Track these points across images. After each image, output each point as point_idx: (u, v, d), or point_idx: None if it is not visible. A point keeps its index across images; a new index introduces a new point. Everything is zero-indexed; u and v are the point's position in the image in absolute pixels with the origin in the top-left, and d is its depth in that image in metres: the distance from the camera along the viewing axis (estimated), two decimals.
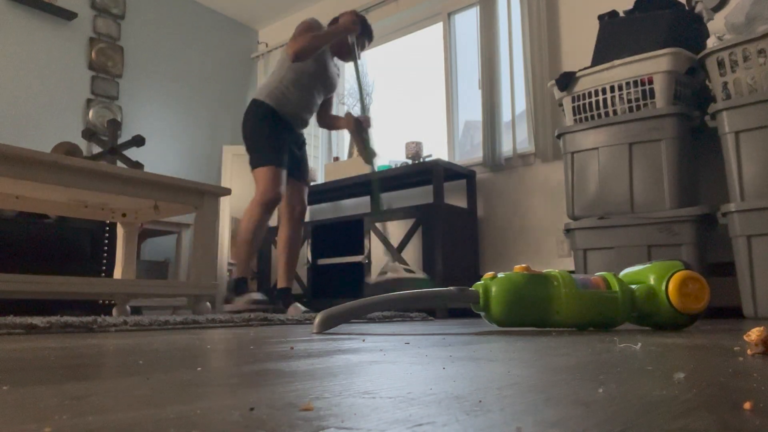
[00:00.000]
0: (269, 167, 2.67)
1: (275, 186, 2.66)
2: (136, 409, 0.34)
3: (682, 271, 1.27)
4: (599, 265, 2.41)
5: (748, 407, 0.33)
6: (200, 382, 0.47)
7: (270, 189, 2.64)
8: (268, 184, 2.64)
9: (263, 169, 2.67)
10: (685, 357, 0.66)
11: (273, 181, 2.65)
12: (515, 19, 3.54)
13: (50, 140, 3.84)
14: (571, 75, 2.56)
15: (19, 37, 3.77)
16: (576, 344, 0.87)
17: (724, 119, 2.16)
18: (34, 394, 0.40)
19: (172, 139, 4.52)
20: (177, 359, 0.67)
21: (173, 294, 2.42)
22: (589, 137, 2.49)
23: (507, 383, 0.45)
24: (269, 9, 4.96)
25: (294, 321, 1.97)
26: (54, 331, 1.35)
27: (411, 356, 0.70)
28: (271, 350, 0.81)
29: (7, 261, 2.77)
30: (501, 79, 3.51)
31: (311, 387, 0.44)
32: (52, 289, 2.04)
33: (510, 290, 1.27)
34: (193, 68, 4.75)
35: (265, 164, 2.67)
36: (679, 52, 2.30)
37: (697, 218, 2.21)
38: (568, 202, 2.56)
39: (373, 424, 0.30)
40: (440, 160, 3.24)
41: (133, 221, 2.77)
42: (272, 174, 2.66)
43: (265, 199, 2.64)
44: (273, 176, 2.66)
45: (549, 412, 0.33)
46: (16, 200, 2.39)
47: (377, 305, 1.28)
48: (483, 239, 3.52)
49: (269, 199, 2.64)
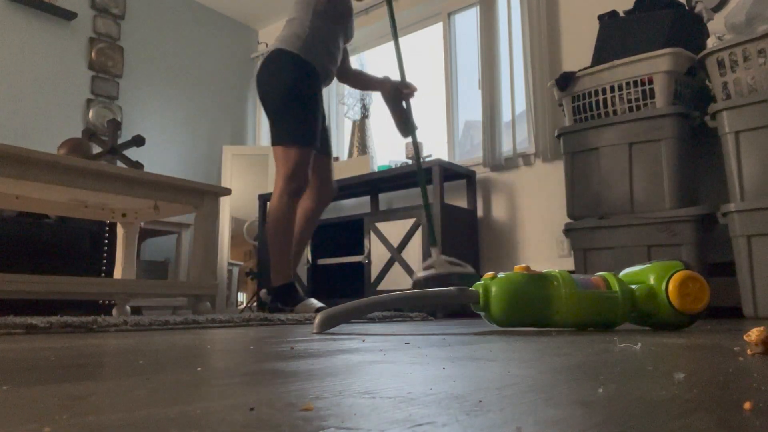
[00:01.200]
0: (300, 148, 2.26)
1: (304, 171, 2.28)
2: (136, 409, 0.34)
3: (682, 271, 1.27)
4: (599, 265, 2.41)
5: (748, 407, 0.33)
6: (200, 382, 0.47)
7: (298, 175, 2.27)
8: (296, 169, 2.26)
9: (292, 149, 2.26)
10: (685, 357, 0.66)
11: (302, 166, 2.27)
12: (515, 19, 3.54)
13: (50, 140, 3.84)
14: (571, 75, 2.56)
15: (19, 37, 3.77)
16: (576, 344, 0.87)
17: (724, 119, 2.16)
18: (34, 394, 0.40)
19: (172, 139, 4.52)
20: (177, 359, 0.67)
21: (173, 294, 2.42)
22: (589, 137, 2.49)
23: (507, 383, 0.45)
24: (269, 9, 4.96)
25: (294, 321, 1.97)
26: (54, 331, 1.35)
27: (411, 356, 0.70)
28: (271, 350, 0.81)
29: (7, 261, 2.77)
30: (501, 79, 3.51)
31: (311, 387, 0.44)
32: (52, 289, 2.04)
33: (510, 290, 1.27)
34: (193, 68, 4.75)
35: (297, 144, 2.26)
36: (679, 52, 2.30)
37: (697, 218, 2.21)
38: (568, 202, 2.56)
39: (373, 424, 0.30)
40: (440, 160, 3.24)
41: (133, 221, 2.77)
42: (302, 156, 2.27)
43: (292, 187, 2.28)
44: (303, 159, 2.27)
45: (549, 412, 0.33)
46: (16, 200, 2.39)
47: (377, 305, 1.28)
48: (483, 239, 3.52)
49: (297, 186, 2.29)
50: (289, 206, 2.29)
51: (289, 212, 2.29)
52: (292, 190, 2.28)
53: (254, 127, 5.16)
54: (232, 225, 4.56)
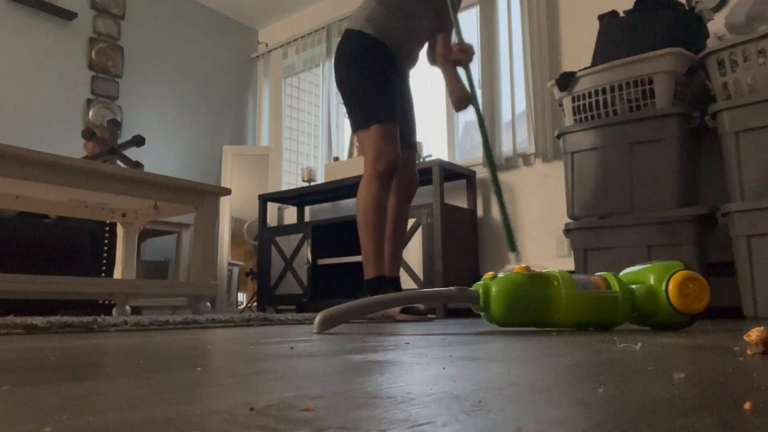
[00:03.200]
0: (380, 125, 2.08)
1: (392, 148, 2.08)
2: (136, 409, 0.34)
3: (682, 271, 1.26)
4: (599, 265, 2.41)
5: (748, 407, 0.33)
6: (200, 382, 0.47)
7: (385, 152, 2.06)
8: (382, 148, 2.06)
9: (373, 128, 2.08)
10: (685, 357, 0.66)
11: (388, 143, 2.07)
12: (515, 19, 3.54)
13: (50, 140, 3.84)
14: (571, 75, 2.56)
15: (19, 37, 3.77)
16: (576, 344, 0.87)
17: (724, 119, 2.16)
18: (34, 394, 0.40)
19: (172, 139, 4.52)
20: (177, 359, 0.67)
21: (173, 294, 2.43)
22: (589, 137, 2.49)
23: (507, 383, 0.45)
24: (269, 9, 4.96)
25: (294, 321, 1.97)
26: (54, 331, 1.35)
27: (411, 356, 0.70)
28: (271, 350, 0.81)
29: (7, 261, 2.77)
30: (501, 79, 3.52)
31: (311, 387, 0.44)
32: (52, 289, 2.04)
33: (510, 290, 1.27)
34: (193, 68, 4.75)
35: (375, 122, 2.08)
36: (679, 52, 2.30)
37: (697, 218, 2.21)
38: (568, 202, 2.55)
39: (372, 424, 0.30)
40: (440, 160, 3.24)
41: (133, 221, 2.77)
42: (385, 133, 2.08)
43: (381, 167, 2.06)
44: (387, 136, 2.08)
45: (549, 412, 0.33)
46: (16, 200, 2.39)
47: (377, 305, 1.28)
48: (483, 239, 3.52)
49: (386, 166, 2.07)
50: (380, 190, 2.07)
51: (380, 196, 2.07)
52: (381, 171, 2.06)
53: (254, 127, 5.16)
54: (232, 225, 4.56)
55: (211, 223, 2.57)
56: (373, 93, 2.11)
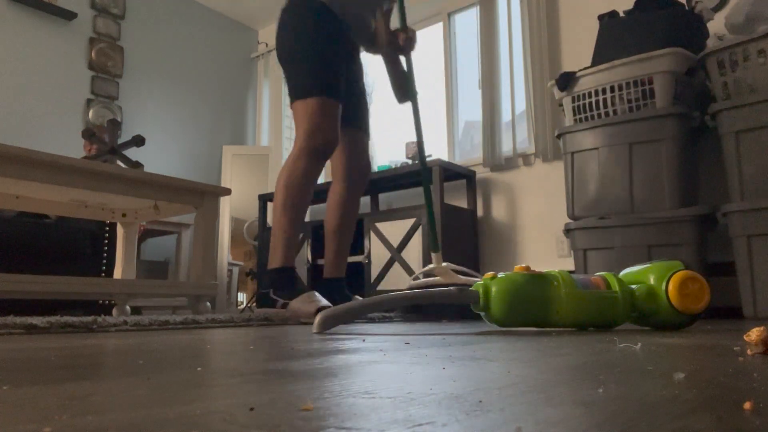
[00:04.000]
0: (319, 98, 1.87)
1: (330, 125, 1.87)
2: (136, 409, 0.34)
3: (682, 271, 1.26)
4: (599, 265, 2.41)
5: (748, 407, 0.33)
6: (200, 382, 0.47)
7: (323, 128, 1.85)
8: (320, 122, 1.85)
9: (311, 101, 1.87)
10: (685, 357, 0.66)
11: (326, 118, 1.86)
12: (515, 19, 3.54)
13: (50, 140, 3.84)
14: (571, 75, 2.56)
15: (19, 37, 3.77)
16: (576, 344, 0.87)
17: (724, 119, 2.16)
18: (34, 394, 0.40)
19: (172, 139, 4.52)
20: (177, 359, 0.67)
21: (173, 294, 2.43)
22: (589, 137, 2.49)
23: (507, 383, 0.45)
24: (269, 9, 4.96)
25: (294, 321, 1.97)
26: (54, 331, 1.35)
27: (411, 356, 0.70)
28: (271, 350, 0.81)
29: (7, 261, 2.77)
30: (501, 79, 3.52)
31: (311, 387, 0.44)
32: (52, 289, 2.04)
33: (510, 290, 1.27)
34: (193, 68, 4.75)
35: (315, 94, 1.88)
36: (679, 52, 2.30)
37: (697, 218, 2.21)
38: (568, 202, 2.55)
39: (372, 424, 0.30)
40: (440, 160, 3.24)
41: (133, 221, 2.77)
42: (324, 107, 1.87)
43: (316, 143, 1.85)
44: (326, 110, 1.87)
45: (549, 412, 0.33)
46: (16, 200, 2.39)
47: (377, 305, 1.28)
48: (483, 239, 3.52)
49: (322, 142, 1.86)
50: (311, 167, 1.86)
51: (309, 175, 1.86)
52: (315, 147, 1.86)
53: (254, 127, 5.16)
54: (232, 225, 4.56)
55: (211, 223, 2.57)
56: (315, 62, 1.90)
